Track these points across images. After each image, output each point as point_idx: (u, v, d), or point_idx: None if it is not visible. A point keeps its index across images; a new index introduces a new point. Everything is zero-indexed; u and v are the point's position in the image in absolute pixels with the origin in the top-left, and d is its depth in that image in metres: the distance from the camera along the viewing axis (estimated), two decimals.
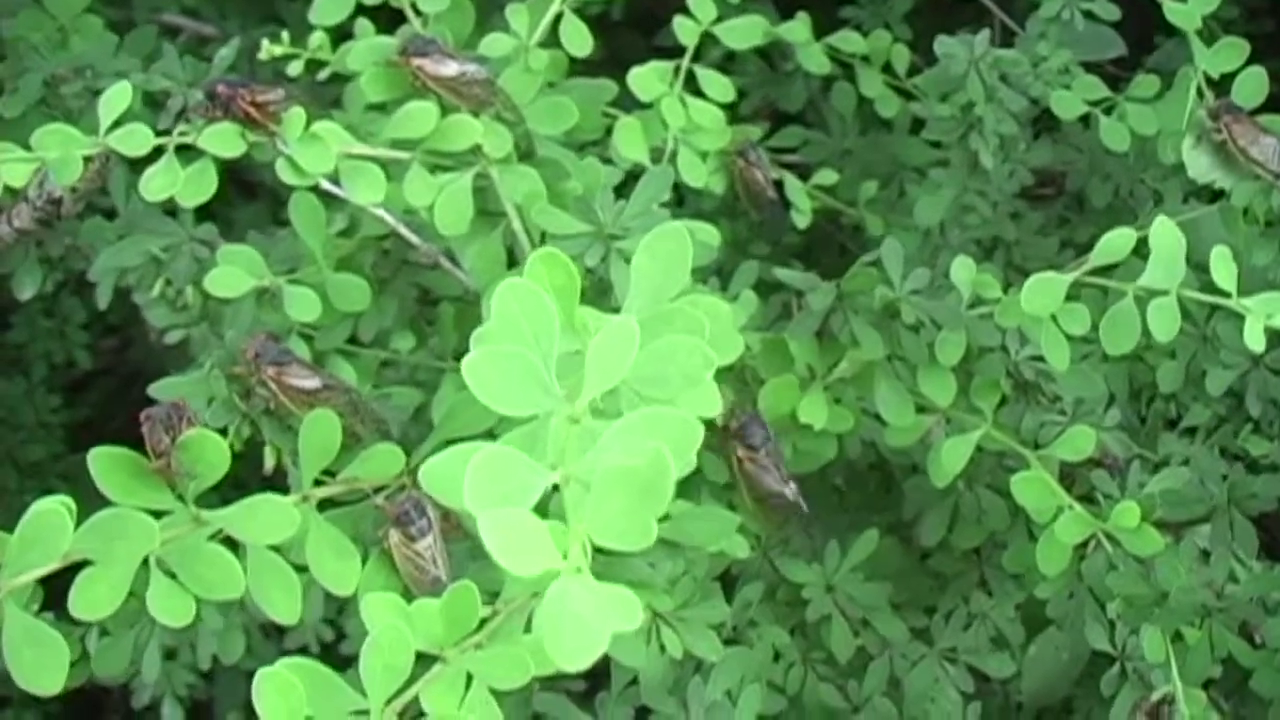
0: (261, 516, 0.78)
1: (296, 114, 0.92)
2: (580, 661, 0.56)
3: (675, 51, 1.14)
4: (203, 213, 1.09)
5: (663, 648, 0.95)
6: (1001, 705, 1.17)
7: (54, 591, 0.80)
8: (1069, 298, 0.94)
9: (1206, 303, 0.95)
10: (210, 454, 0.77)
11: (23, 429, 1.40)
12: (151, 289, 1.03)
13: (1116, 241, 0.93)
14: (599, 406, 0.68)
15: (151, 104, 1.10)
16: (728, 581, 1.04)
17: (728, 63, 1.41)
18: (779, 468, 0.98)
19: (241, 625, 1.05)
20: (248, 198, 1.43)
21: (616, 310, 0.78)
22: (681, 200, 1.28)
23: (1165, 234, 0.91)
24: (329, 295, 0.99)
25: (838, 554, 1.05)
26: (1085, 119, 1.20)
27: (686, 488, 1.00)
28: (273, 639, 1.26)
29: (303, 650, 1.21)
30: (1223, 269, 0.89)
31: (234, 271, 0.97)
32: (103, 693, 1.47)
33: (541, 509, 0.62)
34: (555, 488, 0.62)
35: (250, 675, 1.45)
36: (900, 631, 1.06)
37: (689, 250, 0.79)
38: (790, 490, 0.98)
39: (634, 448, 0.59)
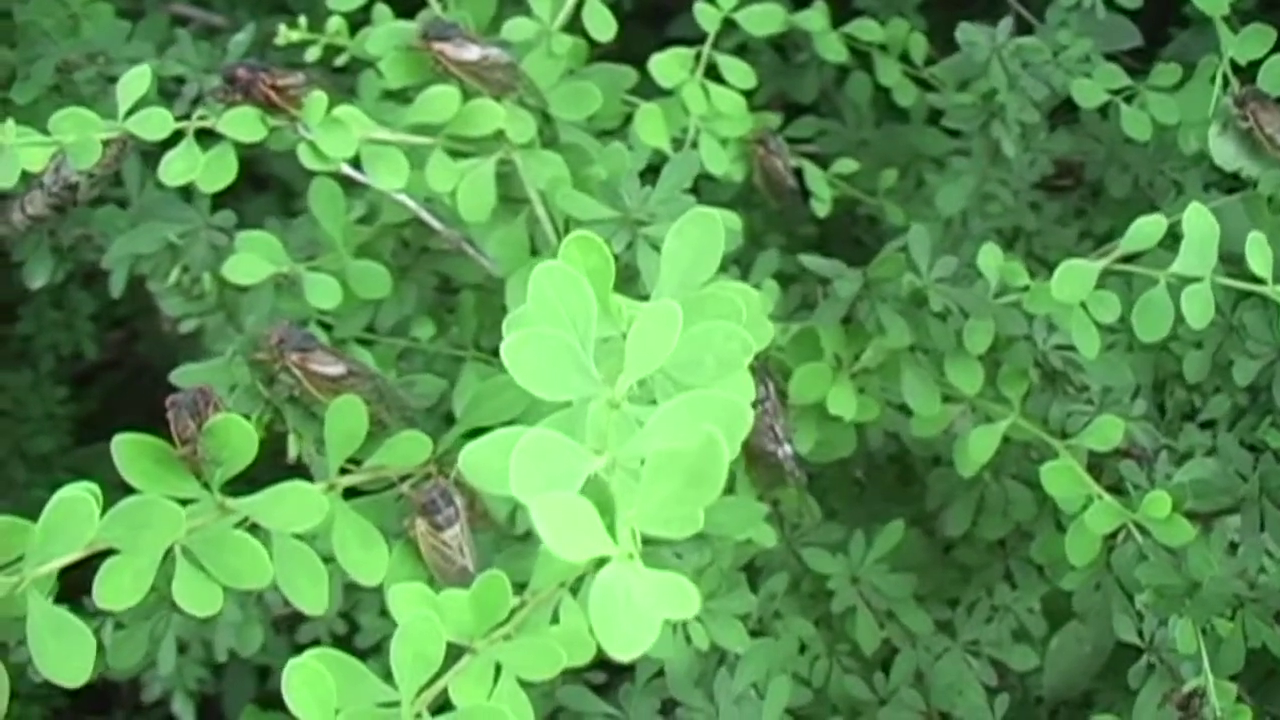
0: (289, 504, 0.76)
1: (318, 98, 0.90)
2: (633, 649, 0.54)
3: (685, 45, 1.12)
4: (214, 204, 1.07)
5: (689, 639, 0.94)
6: (1020, 699, 1.15)
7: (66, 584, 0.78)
8: (1096, 286, 0.93)
9: (1233, 291, 0.93)
10: (237, 440, 0.75)
11: (30, 421, 1.38)
12: (167, 277, 1.01)
13: (1147, 229, 0.92)
14: (635, 393, 0.66)
15: (164, 92, 1.08)
16: (751, 572, 1.02)
17: (740, 54, 1.39)
18: (775, 428, 0.95)
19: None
20: (258, 190, 1.41)
21: (643, 297, 0.76)
22: (698, 190, 1.26)
23: (1199, 220, 0.89)
24: (349, 283, 0.97)
25: (863, 545, 1.04)
26: (1103, 109, 1.18)
27: None
28: (283, 633, 1.24)
29: (315, 644, 1.19)
30: (1258, 255, 0.88)
31: (253, 258, 0.95)
32: (109, 686, 1.45)
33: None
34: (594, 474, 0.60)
35: (260, 670, 1.43)
36: (925, 624, 1.04)
37: (721, 235, 0.77)
38: (784, 451, 0.95)
39: (683, 432, 0.58)
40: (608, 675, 1.02)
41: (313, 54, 1.00)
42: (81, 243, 1.12)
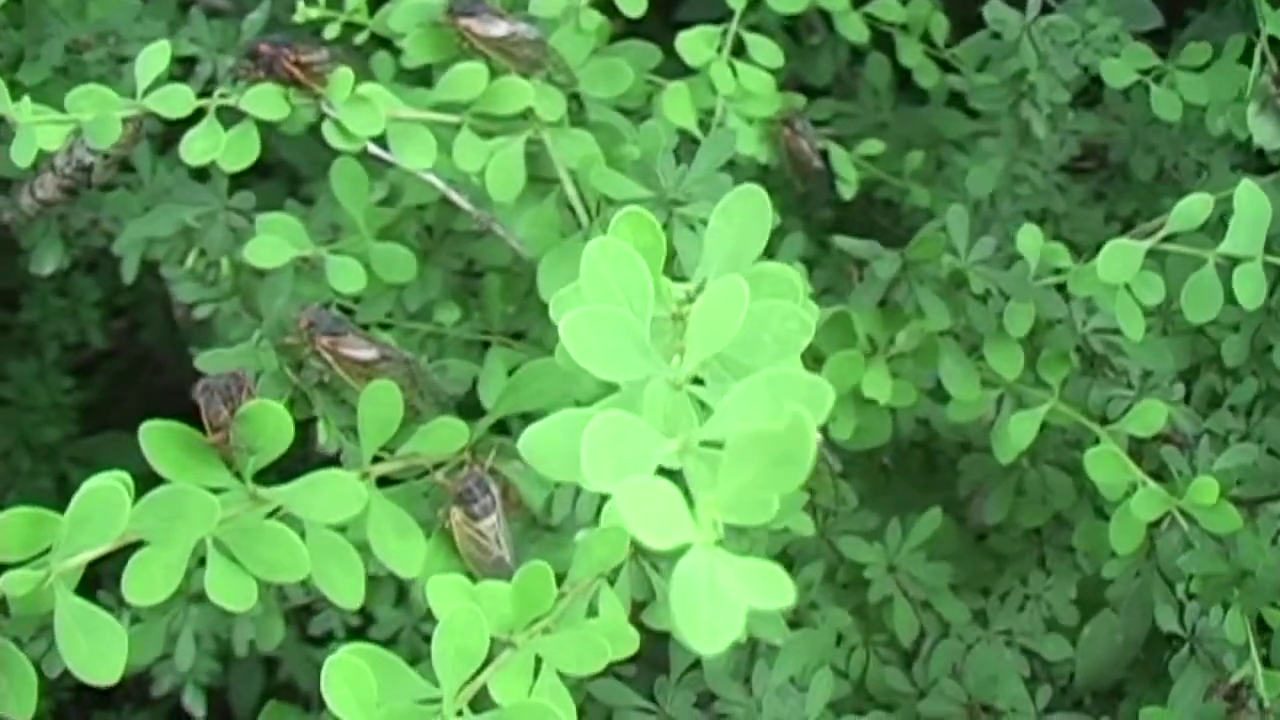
0: (325, 493, 0.72)
1: (344, 74, 0.86)
2: (718, 642, 0.50)
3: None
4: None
5: None
6: (1051, 689, 1.12)
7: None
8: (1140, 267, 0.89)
9: (1270, 273, 0.90)
10: (272, 427, 0.71)
11: (35, 410, 1.33)
12: (182, 262, 0.96)
13: (1192, 208, 0.88)
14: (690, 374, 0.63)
15: (173, 74, 1.04)
16: (786, 562, 0.98)
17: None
18: None
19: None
20: (264, 176, 1.36)
21: (679, 279, 0.72)
22: None
23: (1251, 198, 0.86)
24: (372, 266, 0.93)
25: (899, 533, 1.00)
26: (1127, 91, 1.15)
27: None
28: (292, 624, 1.20)
29: (329, 636, 1.15)
30: None
31: (275, 241, 0.91)
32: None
33: None
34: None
35: (267, 662, 1.39)
36: (961, 613, 1.00)
37: (768, 213, 0.73)
38: (816, 439, 0.91)
39: (760, 413, 0.54)
40: (638, 668, 0.98)
41: (332, 31, 0.96)
42: (89, 229, 1.08)
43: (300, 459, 0.81)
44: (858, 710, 0.95)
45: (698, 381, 0.63)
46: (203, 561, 0.95)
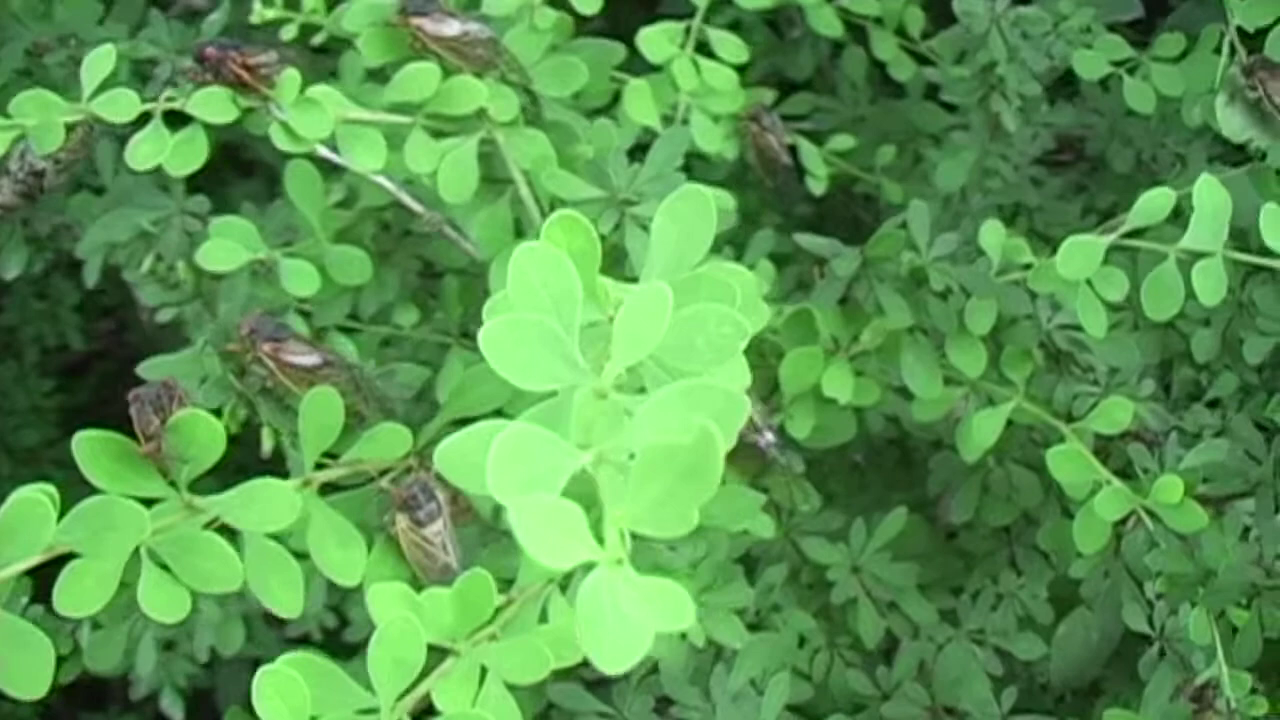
0: (260, 502, 0.71)
1: (291, 77, 0.84)
2: (622, 663, 0.49)
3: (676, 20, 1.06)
4: (197, 190, 1.01)
5: (683, 635, 0.88)
6: (1026, 688, 1.10)
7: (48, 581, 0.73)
8: (1103, 262, 0.87)
9: (1241, 267, 0.88)
10: (203, 436, 0.70)
11: (15, 414, 1.32)
12: (141, 265, 0.95)
13: (1153, 202, 0.86)
14: (623, 381, 0.61)
15: (140, 75, 1.02)
16: (748, 564, 0.97)
17: (733, 31, 1.34)
18: (753, 417, 0.89)
19: (241, 613, 0.98)
20: (244, 175, 1.35)
21: (632, 280, 0.70)
22: (690, 169, 1.20)
23: (1210, 192, 0.84)
24: (328, 269, 0.92)
25: (863, 533, 0.98)
26: (1104, 82, 1.13)
27: None
28: (274, 627, 1.19)
29: (305, 639, 1.14)
30: (1271, 228, 0.82)
31: (227, 244, 0.90)
32: (102, 683, 1.40)
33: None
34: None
35: (253, 664, 1.38)
36: (928, 614, 0.99)
37: (712, 213, 0.71)
38: (765, 439, 0.90)
39: (674, 424, 0.52)
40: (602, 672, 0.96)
41: (289, 32, 0.94)
42: (60, 232, 1.07)
43: (248, 468, 0.79)
44: (819, 715, 0.93)
45: (643, 390, 0.62)
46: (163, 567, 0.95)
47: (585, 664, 0.97)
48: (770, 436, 0.89)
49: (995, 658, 1.01)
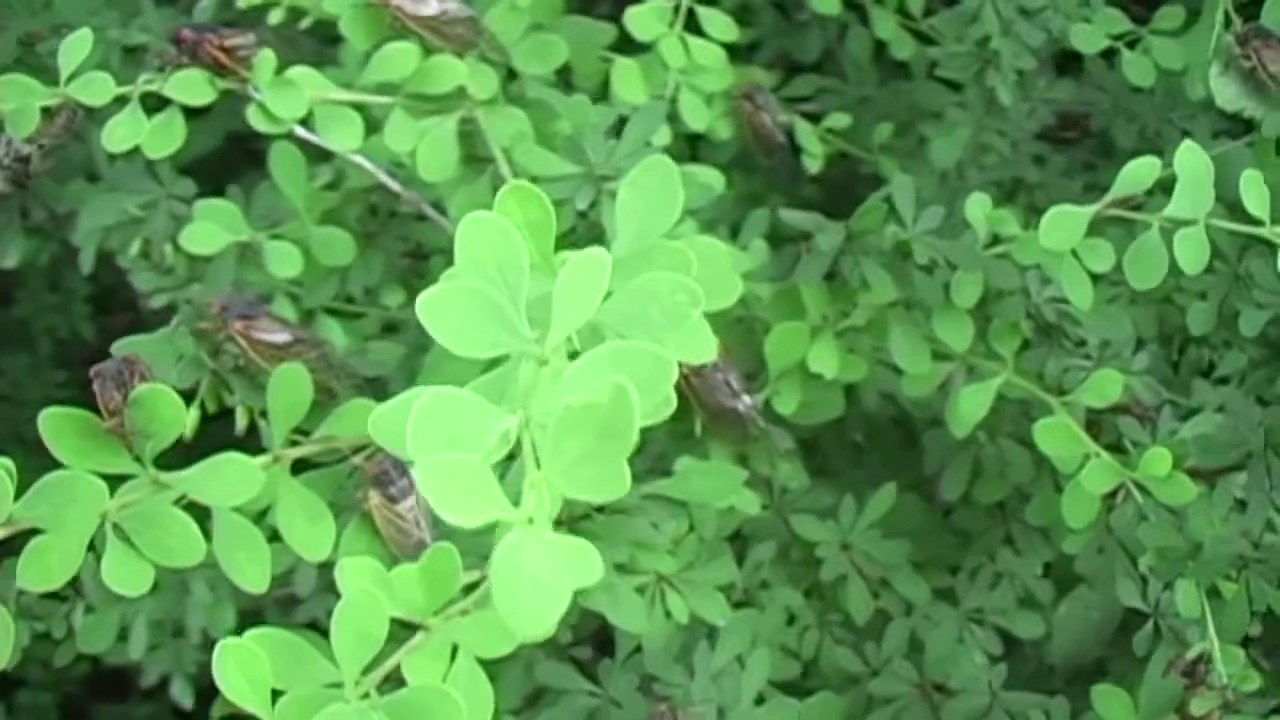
0: (224, 477, 0.71)
1: (266, 57, 0.85)
2: (537, 625, 0.48)
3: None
4: (207, 181, 1.02)
5: (668, 614, 0.88)
6: (1034, 670, 1.09)
7: None
8: (1093, 234, 0.86)
9: (1239, 238, 0.87)
10: (165, 411, 0.70)
11: (29, 405, 1.33)
12: (139, 251, 0.96)
13: (1139, 171, 0.85)
14: (576, 349, 0.61)
15: (135, 63, 1.03)
16: (741, 542, 0.96)
17: (742, 13, 1.33)
18: (730, 383, 0.89)
19: (236, 597, 0.98)
20: (255, 164, 1.36)
21: None
22: (696, 152, 1.20)
23: (1191, 160, 0.83)
24: (313, 250, 0.92)
25: (854, 510, 0.97)
26: (1109, 57, 1.11)
27: (693, 443, 0.92)
28: (286, 612, 1.19)
29: (313, 624, 1.14)
30: (1254, 195, 0.81)
31: (210, 227, 0.90)
32: (122, 673, 1.41)
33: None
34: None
35: None
36: (922, 592, 0.98)
37: (677, 185, 0.72)
38: (743, 404, 0.89)
39: (599, 386, 0.52)
40: (594, 651, 0.96)
41: (276, 16, 0.95)
42: (65, 222, 1.07)
43: (227, 447, 0.80)
44: (809, 691, 0.93)
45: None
46: None
47: (578, 644, 0.97)
48: (749, 400, 0.89)
49: (996, 637, 1.01)
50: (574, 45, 1.03)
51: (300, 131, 0.87)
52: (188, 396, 0.82)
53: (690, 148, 1.22)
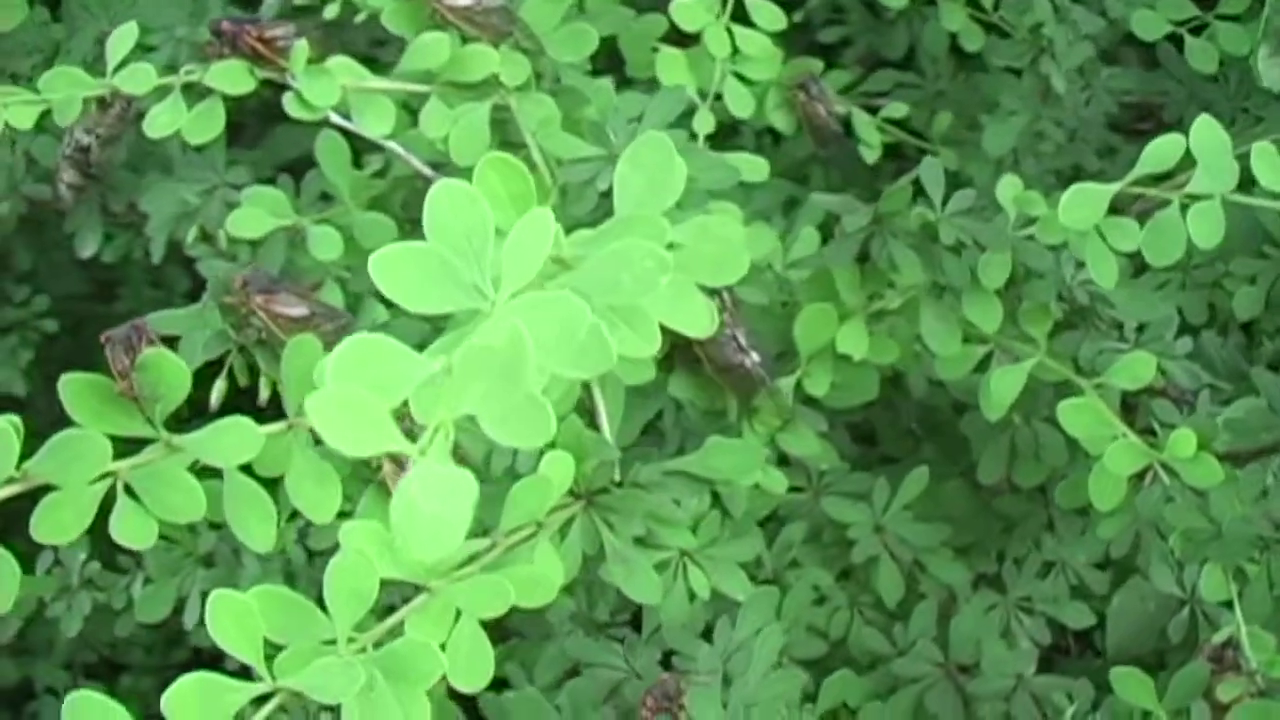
0: (227, 438, 0.75)
1: (300, 47, 0.89)
2: (431, 549, 0.51)
3: None
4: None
5: (692, 595, 0.90)
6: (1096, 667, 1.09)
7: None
8: (1119, 212, 0.87)
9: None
10: (170, 375, 0.74)
11: None
12: (187, 237, 1.01)
13: (1163, 148, 0.85)
14: None
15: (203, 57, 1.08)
16: (776, 524, 0.98)
17: (834, 12, 1.35)
18: (738, 339, 0.90)
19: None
20: None
21: None
22: (761, 146, 1.22)
23: (1209, 136, 0.83)
24: (356, 235, 0.96)
25: (887, 492, 0.98)
26: (1180, 43, 1.11)
27: (720, 420, 0.94)
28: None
29: None
30: (1265, 167, 0.81)
31: (256, 212, 0.95)
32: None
33: None
34: None
35: None
36: (960, 576, 0.98)
37: (674, 160, 0.73)
38: (750, 361, 0.90)
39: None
40: (632, 630, 0.98)
41: (331, 11, 0.99)
42: (127, 212, 1.13)
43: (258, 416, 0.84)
44: (832, 670, 0.94)
45: None
46: (213, 525, 1.00)
47: (617, 624, 0.99)
48: (756, 357, 0.90)
49: (1044, 627, 1.01)
50: (627, 37, 1.07)
51: (336, 118, 0.91)
52: (216, 368, 0.87)
53: (774, 139, 1.25)
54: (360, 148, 1.00)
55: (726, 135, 1.19)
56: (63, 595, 1.05)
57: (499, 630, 1.08)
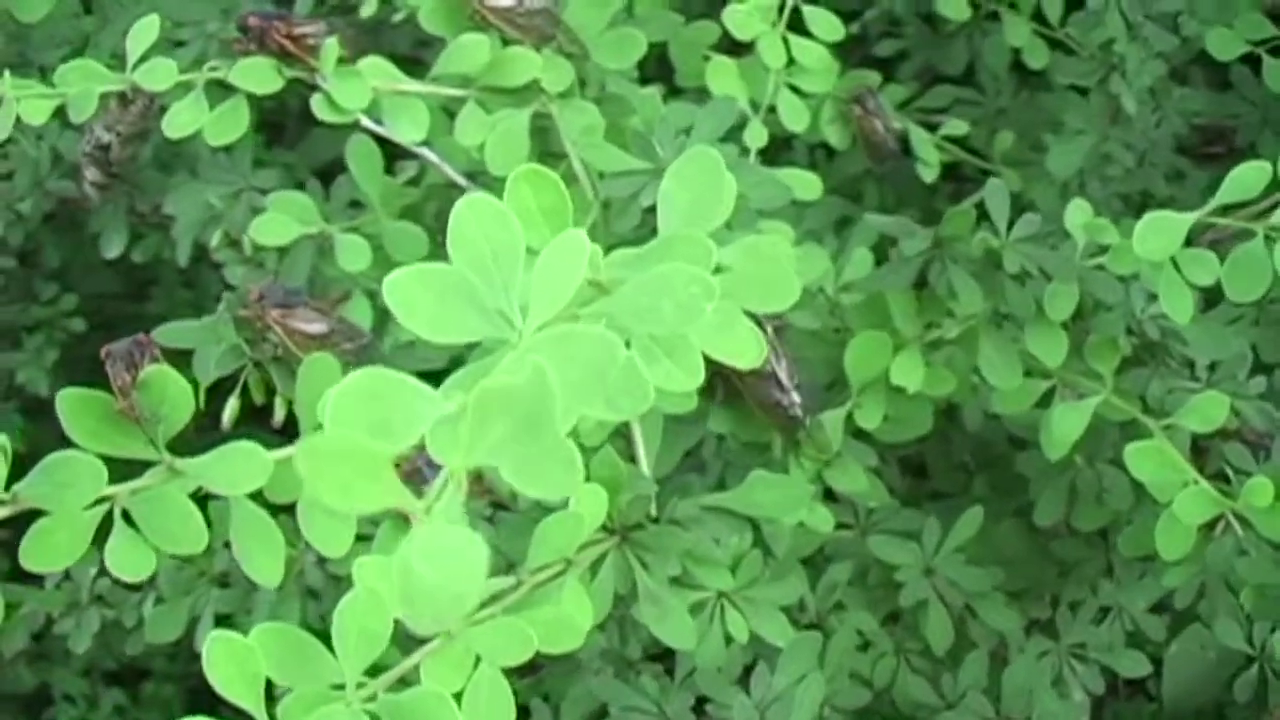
0: (234, 464, 0.68)
1: (330, 45, 0.82)
2: (432, 622, 0.44)
3: None
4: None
5: (729, 638, 0.82)
6: (1151, 712, 1.01)
7: None
8: (1193, 242, 0.79)
9: None
10: (174, 394, 0.67)
11: None
12: (212, 241, 0.94)
13: (1248, 175, 0.78)
14: None
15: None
16: (822, 563, 0.91)
17: (891, 25, 1.28)
18: (778, 376, 0.82)
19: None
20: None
21: None
22: (814, 162, 1.15)
23: None
24: (385, 245, 0.89)
25: (938, 532, 0.90)
26: (1255, 64, 1.03)
27: (764, 453, 0.87)
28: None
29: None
30: None
31: (282, 219, 0.88)
32: None
33: None
34: None
35: None
36: (1013, 622, 0.91)
37: (723, 177, 0.66)
38: (789, 399, 0.82)
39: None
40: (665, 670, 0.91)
41: (368, 10, 0.92)
42: (151, 213, 1.06)
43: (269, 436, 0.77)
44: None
45: None
46: (228, 544, 0.93)
47: (648, 660, 0.92)
48: (797, 397, 0.82)
49: (1098, 675, 0.93)
50: (677, 44, 1.00)
51: (367, 122, 0.84)
52: (229, 385, 0.80)
53: (827, 156, 1.17)
54: (395, 154, 0.94)
55: (779, 150, 1.13)
56: (72, 611, 0.99)
57: (527, 663, 1.01)
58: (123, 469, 0.70)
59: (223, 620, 0.95)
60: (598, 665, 0.91)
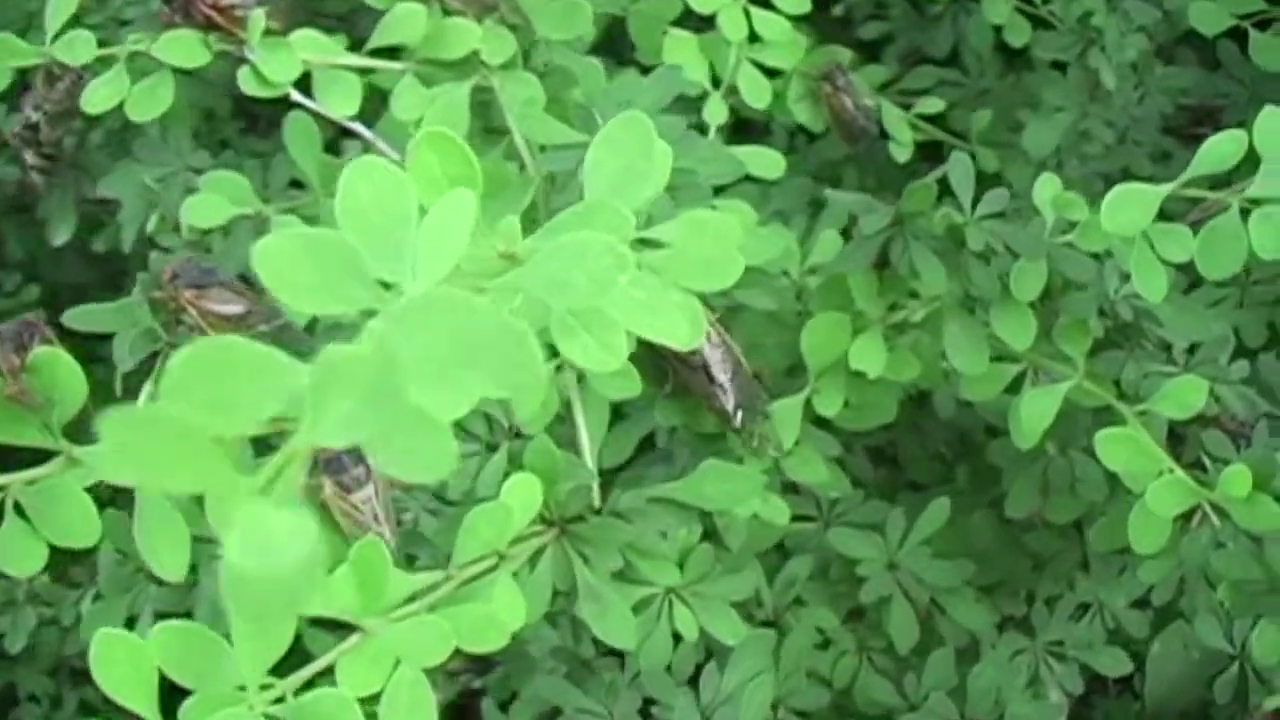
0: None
1: (256, 17, 0.76)
2: (258, 619, 0.38)
3: None
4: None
5: (677, 637, 0.76)
6: (1138, 711, 0.95)
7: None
8: (1171, 219, 0.73)
9: None
10: (65, 377, 0.62)
11: None
12: (148, 224, 0.89)
13: (1222, 147, 0.72)
14: None
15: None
16: (777, 555, 0.85)
17: (877, 7, 1.22)
18: (709, 369, 0.76)
19: None
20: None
21: None
22: (812, 141, 1.09)
23: (1273, 130, 0.69)
24: (323, 224, 0.83)
25: (902, 524, 0.84)
26: (1243, 40, 0.97)
27: (718, 442, 0.81)
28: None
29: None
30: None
31: (215, 199, 0.82)
32: None
33: None
34: None
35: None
36: (983, 619, 0.85)
37: (653, 144, 0.61)
38: (721, 394, 0.76)
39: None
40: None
41: None
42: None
43: None
44: None
45: None
46: None
47: (599, 657, 0.86)
48: (731, 394, 0.76)
49: (1077, 675, 0.87)
50: (638, 21, 0.94)
51: (299, 98, 0.79)
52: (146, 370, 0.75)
53: (808, 138, 1.12)
54: (343, 132, 0.88)
55: (760, 132, 1.07)
56: (7, 610, 0.93)
57: (481, 660, 0.96)
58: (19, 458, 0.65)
59: (162, 618, 0.90)
60: (550, 664, 0.85)
